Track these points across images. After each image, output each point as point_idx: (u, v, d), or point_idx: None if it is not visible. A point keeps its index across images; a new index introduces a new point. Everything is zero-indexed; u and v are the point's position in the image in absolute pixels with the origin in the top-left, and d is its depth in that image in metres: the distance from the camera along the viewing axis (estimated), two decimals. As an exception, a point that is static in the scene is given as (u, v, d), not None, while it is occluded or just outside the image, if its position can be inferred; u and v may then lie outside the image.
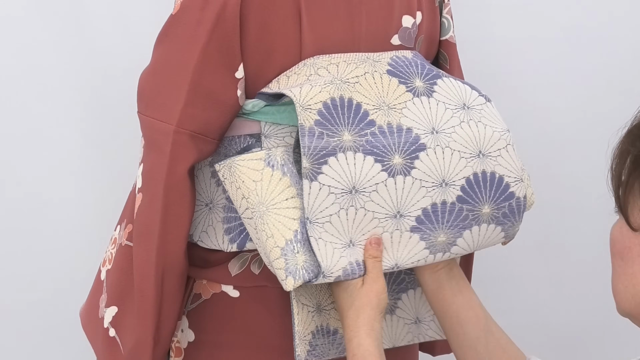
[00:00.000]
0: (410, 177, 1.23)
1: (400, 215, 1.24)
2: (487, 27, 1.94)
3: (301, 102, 1.19)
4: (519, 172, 1.30)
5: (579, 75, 1.96)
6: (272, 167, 1.21)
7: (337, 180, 1.19)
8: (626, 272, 1.07)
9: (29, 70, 1.86)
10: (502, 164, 1.28)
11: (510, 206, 1.29)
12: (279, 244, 1.19)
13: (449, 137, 1.25)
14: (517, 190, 1.29)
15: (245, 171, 1.21)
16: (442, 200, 1.25)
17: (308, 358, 1.27)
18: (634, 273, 1.06)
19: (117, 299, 1.32)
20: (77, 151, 1.90)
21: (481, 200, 1.27)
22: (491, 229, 1.30)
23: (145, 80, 1.27)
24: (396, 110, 1.24)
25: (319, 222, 1.20)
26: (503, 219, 1.30)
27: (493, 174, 1.27)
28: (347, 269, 1.22)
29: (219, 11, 1.20)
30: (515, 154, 1.30)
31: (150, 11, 1.77)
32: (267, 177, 1.20)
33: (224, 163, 1.23)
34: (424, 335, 1.39)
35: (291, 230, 1.20)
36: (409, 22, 1.32)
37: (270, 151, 1.22)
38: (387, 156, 1.22)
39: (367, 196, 1.21)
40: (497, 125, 1.29)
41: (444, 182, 1.25)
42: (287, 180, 1.20)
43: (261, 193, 1.20)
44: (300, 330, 1.25)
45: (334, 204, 1.20)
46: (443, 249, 1.28)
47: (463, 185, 1.26)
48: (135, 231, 1.28)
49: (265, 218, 1.20)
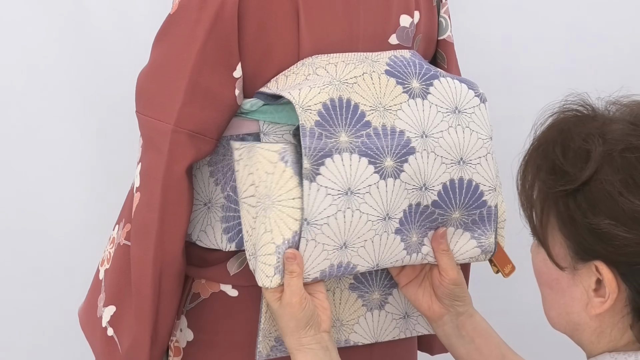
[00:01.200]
0: (399, 180, 1.23)
1: (388, 218, 1.24)
2: (485, 26, 1.95)
3: (301, 103, 1.19)
4: (494, 180, 1.30)
5: (577, 75, 1.96)
6: (285, 163, 1.20)
7: (333, 182, 1.20)
8: (557, 301, 1.07)
9: (29, 70, 1.86)
10: (480, 172, 1.29)
11: (480, 214, 1.30)
12: (275, 240, 1.19)
13: (436, 142, 1.26)
14: (489, 199, 1.30)
15: (262, 160, 1.21)
16: (417, 202, 1.26)
17: (271, 354, 1.28)
18: (565, 303, 1.06)
19: (115, 299, 1.32)
20: (76, 151, 1.90)
21: (453, 205, 1.28)
22: (458, 234, 1.30)
23: (144, 79, 1.27)
24: (391, 112, 1.25)
25: (316, 223, 1.20)
26: (472, 225, 1.30)
27: (470, 181, 1.28)
28: (326, 271, 1.22)
29: (217, 10, 1.20)
30: (494, 162, 1.31)
31: (151, 11, 1.77)
32: (279, 171, 1.20)
33: (245, 144, 1.23)
34: (411, 330, 1.39)
35: (291, 230, 1.20)
36: (407, 21, 1.32)
37: (287, 146, 1.21)
38: (379, 158, 1.22)
39: (361, 198, 1.21)
40: (483, 132, 1.29)
41: (425, 185, 1.25)
42: (297, 180, 1.20)
43: (270, 186, 1.20)
44: (265, 327, 1.26)
45: (331, 206, 1.20)
46: (416, 250, 1.29)
47: (440, 191, 1.27)
48: (133, 230, 1.28)
49: (269, 212, 1.20)
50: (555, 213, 1.03)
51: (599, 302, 1.02)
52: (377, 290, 1.35)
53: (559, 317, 1.08)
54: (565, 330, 1.09)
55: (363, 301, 1.34)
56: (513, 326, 1.68)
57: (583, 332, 1.06)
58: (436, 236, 1.29)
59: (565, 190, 1.01)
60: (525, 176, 1.06)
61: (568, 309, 1.06)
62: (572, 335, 1.08)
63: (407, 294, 1.34)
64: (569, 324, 1.07)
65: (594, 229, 0.99)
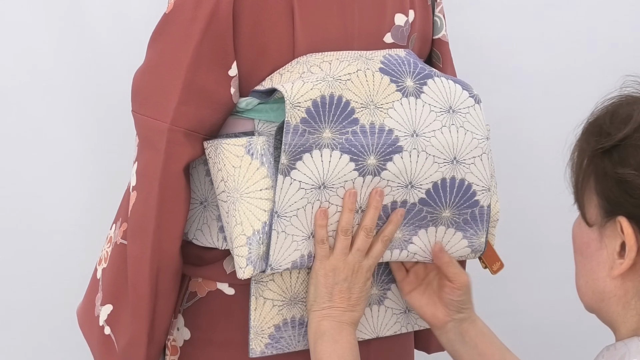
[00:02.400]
0: (378, 177, 1.24)
1: (361, 211, 1.25)
2: (482, 26, 1.95)
3: (291, 99, 1.20)
4: (488, 181, 1.31)
5: (574, 74, 1.96)
6: (251, 156, 1.21)
7: (307, 176, 1.21)
8: (586, 267, 1.10)
9: (28, 70, 1.86)
10: (473, 171, 1.29)
11: (472, 213, 1.31)
12: (246, 232, 1.20)
13: (428, 141, 1.26)
14: (482, 199, 1.30)
15: (228, 155, 1.22)
16: (403, 199, 1.26)
17: (266, 351, 1.28)
18: (592, 268, 1.09)
19: (112, 297, 1.32)
20: (73, 150, 1.90)
21: (443, 204, 1.29)
22: (450, 233, 1.31)
23: (140, 79, 1.28)
24: (382, 110, 1.25)
25: (286, 215, 1.21)
26: (464, 225, 1.31)
27: (462, 180, 1.28)
28: (297, 262, 1.24)
29: (213, 9, 1.21)
30: (489, 162, 1.31)
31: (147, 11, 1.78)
32: (246, 164, 1.21)
33: (211, 142, 1.24)
34: (412, 324, 1.39)
35: (260, 221, 1.21)
36: (402, 20, 1.33)
37: (252, 139, 1.22)
38: (362, 156, 1.22)
39: (333, 191, 1.22)
40: (478, 132, 1.30)
41: (411, 184, 1.26)
42: (264, 170, 1.21)
43: (237, 179, 1.21)
44: (256, 325, 1.27)
45: (302, 199, 1.21)
46: (400, 246, 1.29)
47: (429, 189, 1.27)
48: (130, 229, 1.28)
49: (238, 205, 1.21)
50: (594, 174, 1.07)
51: (620, 262, 1.05)
52: (375, 286, 1.35)
53: (586, 285, 1.10)
54: (592, 302, 1.10)
55: None
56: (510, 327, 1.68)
57: (609, 303, 1.08)
58: (435, 252, 1.31)
59: (604, 148, 1.05)
60: (577, 147, 1.10)
61: (594, 274, 1.08)
62: (599, 309, 1.10)
63: (411, 302, 1.35)
64: (595, 294, 1.09)
65: (620, 179, 1.03)
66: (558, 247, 2.01)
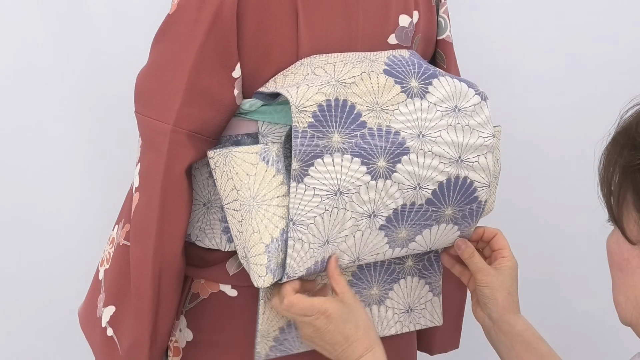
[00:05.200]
0: (390, 180, 1.23)
1: (374, 215, 1.25)
2: (484, 26, 1.95)
3: (297, 103, 1.19)
4: (489, 178, 1.31)
5: (576, 74, 1.96)
6: (267, 163, 1.21)
7: (322, 182, 1.20)
8: (626, 283, 1.08)
9: (28, 69, 1.86)
10: (476, 169, 1.29)
11: (470, 209, 1.31)
12: (264, 240, 1.20)
13: (434, 141, 1.26)
14: (480, 195, 1.31)
15: (240, 163, 1.21)
16: (412, 201, 1.26)
17: (270, 354, 1.28)
18: (634, 285, 1.07)
19: (114, 299, 1.32)
20: (75, 151, 1.90)
21: (447, 203, 1.29)
22: (449, 228, 1.32)
23: (143, 79, 1.27)
24: (388, 112, 1.25)
25: (303, 224, 1.20)
26: (462, 219, 1.32)
27: (465, 179, 1.29)
28: (311, 268, 1.24)
29: (216, 10, 1.20)
30: (493, 160, 1.31)
31: (150, 11, 1.77)
32: (262, 172, 1.20)
33: (219, 151, 1.22)
34: (415, 323, 1.39)
35: (279, 228, 1.20)
36: (406, 21, 1.32)
37: (267, 146, 1.21)
38: (372, 159, 1.22)
39: (349, 197, 1.22)
40: (484, 130, 1.30)
41: (419, 185, 1.26)
42: (281, 177, 1.21)
43: (253, 187, 1.20)
44: (263, 328, 1.27)
45: (319, 206, 1.20)
46: (402, 245, 1.30)
47: (435, 189, 1.27)
48: (133, 230, 1.28)
49: (254, 213, 1.20)
50: (632, 189, 1.04)
51: None
52: (375, 286, 1.35)
53: (627, 301, 1.08)
54: (632, 317, 1.09)
55: (360, 297, 1.34)
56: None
57: None
58: (459, 248, 1.34)
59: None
60: (608, 159, 1.07)
61: (637, 291, 1.07)
62: (637, 325, 1.08)
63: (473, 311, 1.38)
64: (636, 309, 1.08)
65: None
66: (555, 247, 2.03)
